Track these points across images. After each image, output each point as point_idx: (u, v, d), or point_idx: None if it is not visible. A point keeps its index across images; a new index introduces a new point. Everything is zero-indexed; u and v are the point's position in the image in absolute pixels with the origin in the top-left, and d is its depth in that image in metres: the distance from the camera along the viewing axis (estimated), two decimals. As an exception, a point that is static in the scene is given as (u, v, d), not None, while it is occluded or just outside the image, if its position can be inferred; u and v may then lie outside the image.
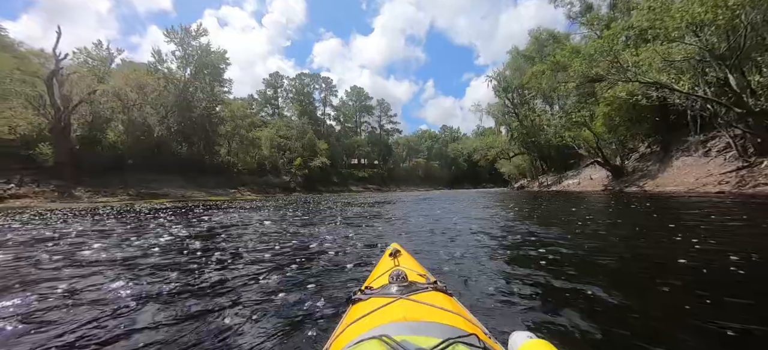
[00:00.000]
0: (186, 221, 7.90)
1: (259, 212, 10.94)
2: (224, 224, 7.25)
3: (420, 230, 5.81)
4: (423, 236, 5.09)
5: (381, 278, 1.35)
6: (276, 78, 69.17)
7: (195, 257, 3.78)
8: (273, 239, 4.93)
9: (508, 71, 33.72)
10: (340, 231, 5.52)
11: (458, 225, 6.35)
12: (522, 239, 4.61)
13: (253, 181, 42.23)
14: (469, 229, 5.75)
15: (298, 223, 7.16)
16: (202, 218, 8.58)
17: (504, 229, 5.71)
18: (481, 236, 4.93)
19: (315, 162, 49.55)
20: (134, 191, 25.63)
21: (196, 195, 30.49)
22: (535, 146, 33.01)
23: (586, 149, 21.47)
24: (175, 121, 27.53)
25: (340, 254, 3.82)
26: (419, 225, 6.59)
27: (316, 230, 5.79)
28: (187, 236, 5.52)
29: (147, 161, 27.34)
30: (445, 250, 3.91)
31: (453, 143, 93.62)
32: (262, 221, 7.84)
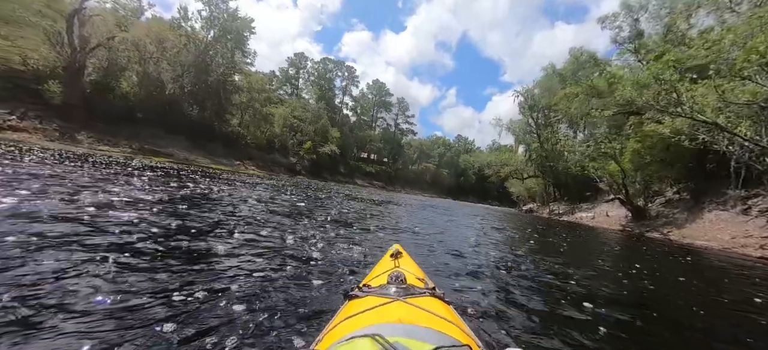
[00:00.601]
0: (167, 186, 7.09)
1: (253, 189, 10.12)
2: (204, 198, 6.40)
3: (430, 252, 4.81)
4: (437, 258, 4.13)
5: (380, 277, 1.36)
6: (300, 58, 68.68)
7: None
8: (249, 226, 4.03)
9: (537, 90, 32.29)
10: (327, 234, 4.49)
11: (474, 245, 5.36)
12: (541, 270, 3.86)
13: (259, 156, 41.74)
14: (487, 255, 4.76)
15: (286, 211, 6.26)
16: (186, 187, 7.77)
17: (522, 259, 4.71)
18: (496, 259, 4.26)
19: (324, 149, 48.81)
20: (138, 145, 25.22)
21: (199, 160, 30.04)
22: (552, 171, 31.57)
23: (608, 184, 20.11)
24: (190, 81, 26.95)
25: (303, 274, 2.64)
26: (429, 243, 5.59)
27: (299, 226, 4.87)
28: (151, 201, 4.67)
29: (157, 118, 26.91)
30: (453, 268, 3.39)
31: (465, 154, 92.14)
32: (250, 200, 6.98)
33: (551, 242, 7.86)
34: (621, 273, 4.77)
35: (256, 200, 7.04)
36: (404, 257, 1.68)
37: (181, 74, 26.25)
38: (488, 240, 6.20)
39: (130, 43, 23.26)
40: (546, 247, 6.59)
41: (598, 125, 20.99)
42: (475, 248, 4.87)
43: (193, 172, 15.01)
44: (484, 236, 6.85)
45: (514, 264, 4.08)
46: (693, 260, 7.47)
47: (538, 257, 5.01)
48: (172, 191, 6.36)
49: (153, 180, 7.52)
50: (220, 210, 4.88)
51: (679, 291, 4.06)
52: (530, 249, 5.72)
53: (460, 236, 6.28)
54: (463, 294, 2.46)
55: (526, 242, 6.79)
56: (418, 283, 1.24)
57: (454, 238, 5.78)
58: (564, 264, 4.67)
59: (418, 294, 1.06)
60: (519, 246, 6.20)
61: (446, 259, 3.74)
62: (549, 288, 3.12)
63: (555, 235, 9.68)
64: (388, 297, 1.03)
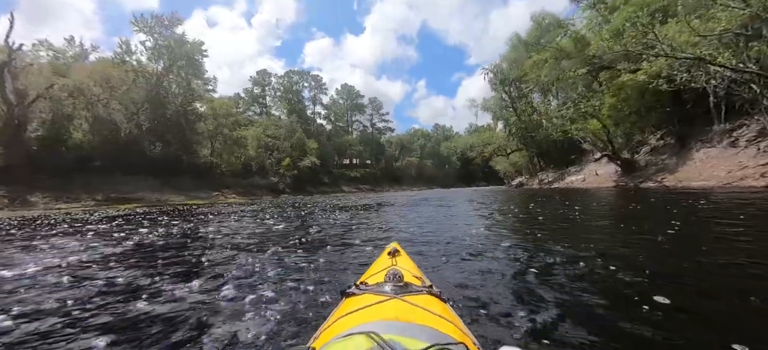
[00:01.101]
0: (109, 238, 5.95)
1: (224, 220, 9.02)
2: (148, 246, 5.33)
3: (424, 248, 3.97)
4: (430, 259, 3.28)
5: (377, 275, 1.35)
6: (263, 76, 66.75)
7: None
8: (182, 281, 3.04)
9: (505, 64, 32.16)
10: (294, 267, 3.47)
11: (473, 235, 4.56)
12: (552, 252, 3.22)
13: (237, 183, 39.94)
14: (489, 244, 3.96)
15: (255, 241, 5.25)
16: (131, 237, 6.64)
17: (528, 241, 3.94)
18: (498, 246, 3.72)
19: (304, 162, 47.44)
20: (102, 196, 23.29)
21: (173, 199, 28.22)
22: (534, 141, 31.57)
23: (592, 143, 19.98)
24: (147, 118, 25.06)
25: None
26: (423, 240, 4.75)
27: (259, 262, 3.89)
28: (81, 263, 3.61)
29: (117, 163, 24.99)
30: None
31: (445, 142, 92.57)
32: (212, 235, 5.94)
33: (552, 213, 7.30)
34: (637, 236, 4.18)
35: (222, 233, 6.02)
36: (402, 255, 1.68)
37: (135, 112, 24.33)
38: (486, 226, 5.62)
39: (72, 89, 21.30)
40: (548, 220, 6.02)
41: (573, 87, 20.88)
42: (475, 239, 4.27)
43: (162, 213, 13.65)
44: (482, 222, 6.18)
45: (522, 249, 3.54)
46: (704, 203, 6.98)
47: (544, 235, 4.41)
48: (110, 243, 5.26)
49: (102, 234, 6.36)
50: (162, 257, 3.88)
51: (714, 246, 3.44)
52: (533, 228, 5.07)
53: (457, 228, 5.58)
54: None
55: (529, 221, 6.17)
56: (416, 281, 1.23)
57: (452, 232, 5.06)
58: (570, 237, 4.20)
59: (415, 292, 1.06)
60: (520, 227, 5.60)
61: (447, 258, 3.29)
62: (566, 265, 2.74)
63: (552, 205, 9.12)
64: (385, 295, 1.02)
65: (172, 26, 27.24)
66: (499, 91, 32.71)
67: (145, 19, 26.35)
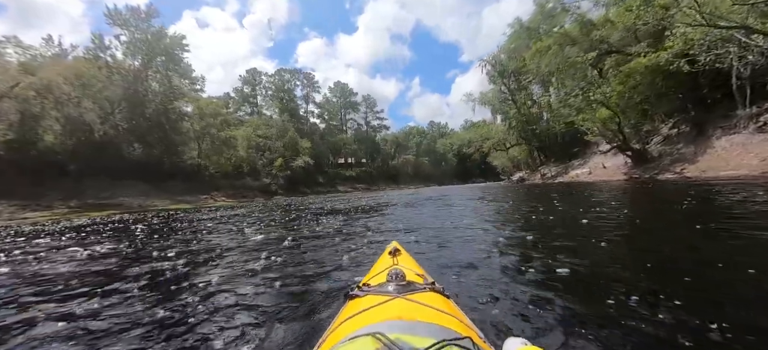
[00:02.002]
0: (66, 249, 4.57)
1: (202, 228, 7.65)
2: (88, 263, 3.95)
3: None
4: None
5: (379, 275, 1.34)
6: (254, 74, 64.94)
7: None
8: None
9: (503, 55, 30.93)
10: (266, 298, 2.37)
11: (483, 243, 3.43)
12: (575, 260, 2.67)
13: (228, 185, 38.39)
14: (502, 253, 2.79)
15: (222, 262, 3.90)
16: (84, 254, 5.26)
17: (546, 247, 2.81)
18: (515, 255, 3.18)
19: (297, 162, 45.93)
20: (77, 202, 21.64)
21: (157, 204, 26.63)
22: (535, 134, 30.45)
23: (601, 133, 18.82)
24: (124, 118, 23.32)
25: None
26: (436, 258, 3.46)
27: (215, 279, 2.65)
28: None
29: (94, 167, 23.34)
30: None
31: (441, 139, 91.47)
32: (176, 251, 4.58)
33: (563, 210, 6.36)
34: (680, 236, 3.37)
35: (189, 249, 4.70)
36: (402, 254, 1.64)
37: (110, 112, 22.55)
38: (495, 228, 4.92)
39: (40, 87, 19.56)
40: (559, 220, 5.16)
41: (579, 75, 19.70)
42: (485, 249, 3.48)
43: (136, 221, 12.19)
44: (487, 224, 5.41)
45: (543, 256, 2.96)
46: (748, 196, 5.76)
47: (562, 241, 3.64)
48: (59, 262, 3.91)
49: (36, 249, 4.98)
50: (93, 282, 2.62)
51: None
52: (575, 232, 4.10)
53: (463, 233, 4.65)
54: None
55: (540, 221, 5.21)
56: (418, 279, 1.21)
57: (458, 239, 4.15)
58: (588, 237, 3.63)
59: (417, 290, 1.05)
60: (532, 228, 4.70)
61: (457, 272, 2.66)
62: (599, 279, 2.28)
63: (561, 201, 8.16)
64: (388, 295, 1.02)
65: (149, 19, 25.31)
66: (498, 83, 31.49)
67: (119, 12, 24.33)
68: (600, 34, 16.84)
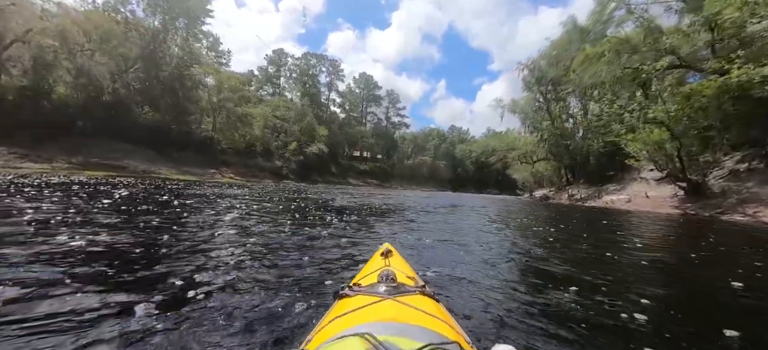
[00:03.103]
0: None
1: (199, 206, 6.20)
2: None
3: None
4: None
5: (370, 276, 1.33)
6: (280, 55, 64.23)
7: None
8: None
9: (543, 61, 28.52)
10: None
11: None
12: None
13: (239, 162, 37.61)
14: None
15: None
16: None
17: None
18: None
19: (312, 148, 44.72)
20: (81, 160, 20.97)
21: (162, 171, 25.88)
22: (567, 151, 27.95)
23: (652, 158, 16.42)
24: (138, 78, 22.41)
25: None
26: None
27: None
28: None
29: (105, 126, 22.65)
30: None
31: (461, 144, 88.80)
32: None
33: (616, 243, 4.74)
34: None
35: (173, 230, 3.33)
36: (394, 256, 1.61)
37: (124, 70, 21.66)
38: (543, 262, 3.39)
39: (54, 33, 18.77)
40: (619, 256, 3.84)
41: (624, 90, 17.28)
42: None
43: (128, 185, 10.98)
44: (528, 254, 3.90)
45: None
46: None
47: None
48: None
49: None
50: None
51: None
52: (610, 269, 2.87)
53: (497, 259, 3.49)
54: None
55: (592, 254, 3.81)
56: (409, 281, 1.20)
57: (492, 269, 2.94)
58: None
59: (408, 293, 1.04)
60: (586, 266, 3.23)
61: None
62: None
63: (609, 231, 6.58)
64: (379, 296, 1.01)
65: None
66: (534, 90, 29.06)
67: None
68: (669, 42, 14.51)
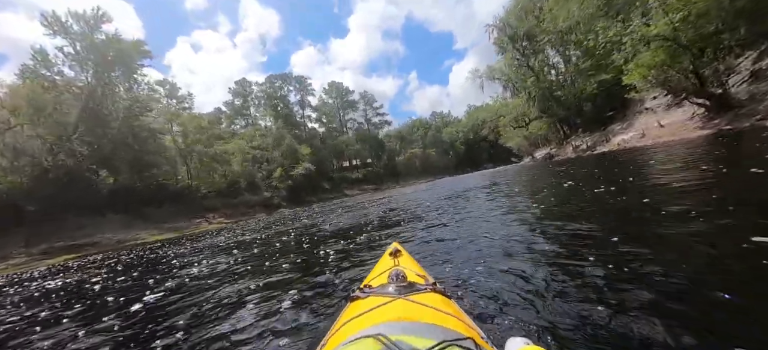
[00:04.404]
0: None
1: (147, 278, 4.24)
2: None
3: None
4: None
5: (380, 277, 1.32)
6: (243, 85, 61.77)
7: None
8: None
9: (512, 17, 27.04)
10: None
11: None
12: None
13: (223, 204, 35.24)
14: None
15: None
16: None
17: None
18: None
19: (297, 170, 42.57)
20: (44, 248, 18.56)
21: (142, 235, 23.50)
22: (559, 102, 26.51)
23: (661, 83, 14.89)
24: (83, 142, 20.04)
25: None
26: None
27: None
28: None
29: (61, 203, 20.20)
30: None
31: (446, 128, 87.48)
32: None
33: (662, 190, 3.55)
34: None
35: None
36: (403, 255, 1.61)
37: (66, 138, 19.19)
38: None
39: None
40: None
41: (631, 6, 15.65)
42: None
43: (92, 264, 8.89)
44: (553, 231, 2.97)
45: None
46: None
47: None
48: None
49: None
50: None
51: None
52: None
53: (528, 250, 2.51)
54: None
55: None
56: (419, 280, 1.20)
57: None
58: None
59: (419, 291, 1.04)
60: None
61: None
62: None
63: (642, 176, 5.36)
64: (389, 296, 1.01)
65: (98, 25, 21.58)
66: (510, 49, 27.57)
67: (57, 18, 20.30)
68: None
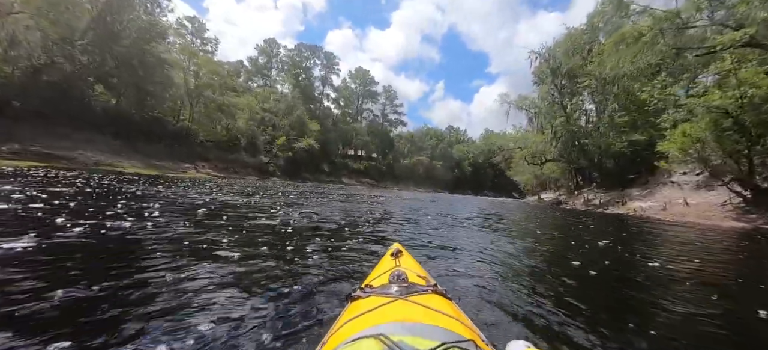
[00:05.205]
0: None
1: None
2: None
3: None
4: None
5: (381, 277, 1.33)
6: (271, 45, 60.69)
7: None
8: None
9: (559, 49, 25.62)
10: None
11: None
12: None
13: (218, 156, 34.21)
14: None
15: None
16: None
17: None
18: None
19: (300, 144, 41.41)
20: (14, 148, 17.53)
21: (123, 165, 22.45)
22: (583, 151, 25.08)
23: (699, 158, 13.50)
24: (85, 50, 18.83)
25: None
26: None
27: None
28: None
29: (50, 108, 19.15)
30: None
31: (458, 145, 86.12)
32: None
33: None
34: None
35: None
36: (405, 256, 1.61)
37: (70, 41, 18.01)
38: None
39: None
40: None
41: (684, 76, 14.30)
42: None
43: (46, 177, 7.77)
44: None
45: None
46: None
47: None
48: None
49: None
50: None
51: None
52: None
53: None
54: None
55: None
56: (420, 281, 1.20)
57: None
58: None
59: (420, 292, 1.04)
60: None
61: None
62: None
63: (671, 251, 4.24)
64: (391, 297, 1.01)
65: None
66: (548, 83, 26.12)
67: None
68: (739, 13, 11.68)
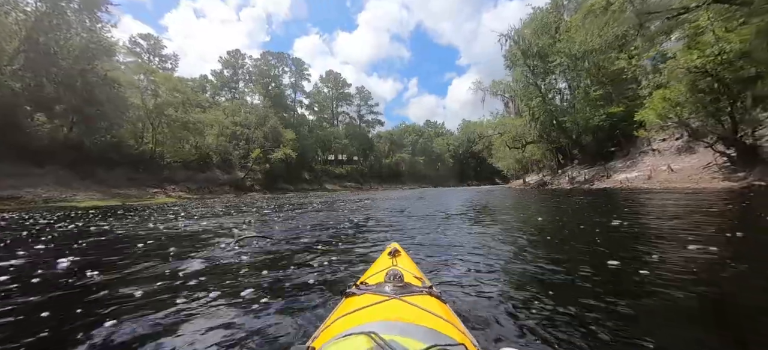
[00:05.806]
0: None
1: None
2: None
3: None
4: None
5: (377, 275, 1.32)
6: (236, 56, 58.38)
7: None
8: None
9: (527, 30, 25.51)
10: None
11: None
12: None
13: (190, 177, 32.11)
14: None
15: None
16: None
17: None
18: None
19: (277, 154, 39.82)
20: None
21: (79, 198, 20.40)
22: (562, 129, 25.11)
23: (683, 122, 13.40)
24: (15, 76, 16.67)
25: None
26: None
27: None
28: None
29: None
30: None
31: (438, 138, 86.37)
32: None
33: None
34: None
35: None
36: (402, 256, 1.63)
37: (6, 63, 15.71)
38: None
39: None
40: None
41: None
42: None
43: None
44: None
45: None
46: None
47: None
48: None
49: None
50: None
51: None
52: None
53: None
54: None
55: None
56: (416, 282, 1.21)
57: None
58: None
59: (414, 293, 1.04)
60: None
61: None
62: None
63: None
64: (385, 295, 1.02)
65: None
66: (521, 64, 25.96)
67: None
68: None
